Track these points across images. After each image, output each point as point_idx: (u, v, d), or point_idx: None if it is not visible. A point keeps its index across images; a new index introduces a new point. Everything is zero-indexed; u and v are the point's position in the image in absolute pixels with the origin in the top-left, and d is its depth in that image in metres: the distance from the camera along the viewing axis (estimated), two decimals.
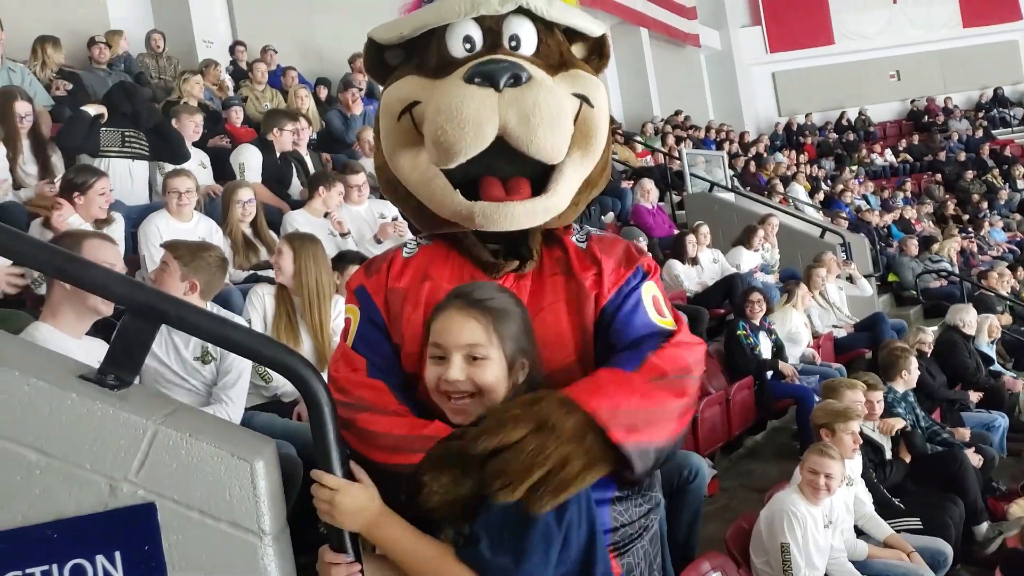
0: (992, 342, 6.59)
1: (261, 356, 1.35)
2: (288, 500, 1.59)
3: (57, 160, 4.38)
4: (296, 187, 5.49)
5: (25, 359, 1.36)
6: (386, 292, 1.43)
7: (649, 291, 1.40)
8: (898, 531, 3.61)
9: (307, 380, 1.28)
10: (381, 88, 1.51)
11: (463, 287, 1.33)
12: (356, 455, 1.33)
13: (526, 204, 1.34)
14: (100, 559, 1.24)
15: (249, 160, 5.16)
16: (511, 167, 1.35)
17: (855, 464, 3.67)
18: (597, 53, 1.53)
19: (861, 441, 3.56)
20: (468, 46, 1.38)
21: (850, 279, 7.56)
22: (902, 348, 4.81)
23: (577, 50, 1.50)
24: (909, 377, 4.60)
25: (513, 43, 1.39)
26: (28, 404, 1.26)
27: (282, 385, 2.93)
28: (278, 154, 5.39)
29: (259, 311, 3.09)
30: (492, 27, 1.39)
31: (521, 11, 1.40)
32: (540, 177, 1.37)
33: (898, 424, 4.25)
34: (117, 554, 1.24)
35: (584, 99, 1.39)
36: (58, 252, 1.39)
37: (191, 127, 5.08)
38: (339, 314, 3.12)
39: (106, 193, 3.67)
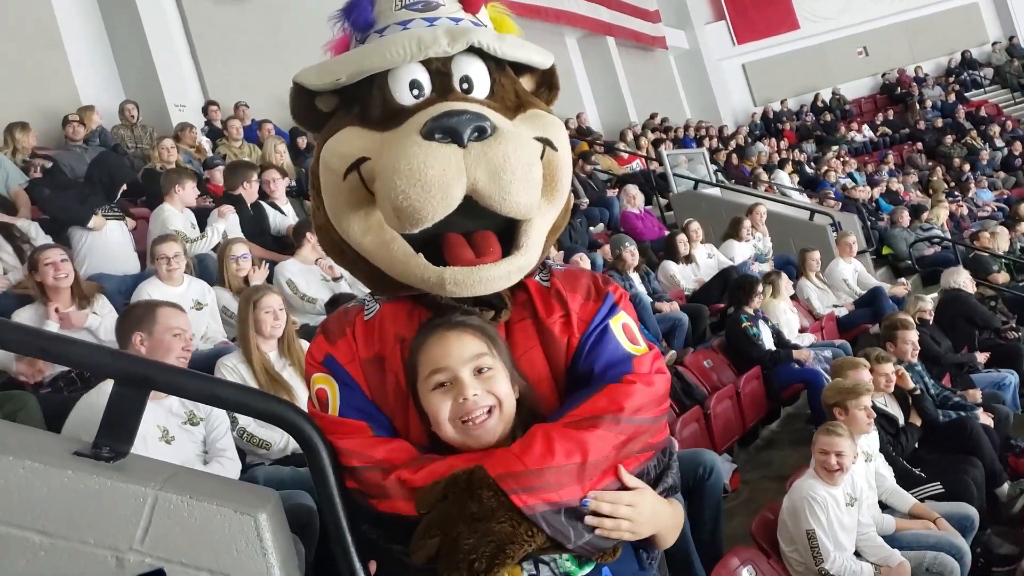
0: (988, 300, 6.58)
1: (251, 408, 1.35)
2: (308, 548, 1.59)
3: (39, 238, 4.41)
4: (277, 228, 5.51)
5: (19, 441, 1.36)
6: (360, 364, 1.31)
7: (619, 320, 1.33)
8: (921, 499, 3.60)
9: (300, 426, 1.28)
10: (308, 132, 1.41)
11: (432, 319, 1.27)
12: (398, 518, 1.20)
13: (500, 267, 1.22)
14: None
15: (229, 223, 5.09)
16: (474, 221, 1.23)
17: (872, 439, 3.66)
18: (547, 85, 1.42)
19: (874, 415, 3.56)
20: (416, 92, 1.26)
21: None
22: (900, 320, 4.81)
23: (526, 83, 1.40)
24: (909, 347, 4.59)
25: (465, 85, 1.28)
26: (25, 487, 1.26)
27: (283, 448, 2.90)
28: (250, 206, 5.39)
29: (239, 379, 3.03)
30: (440, 69, 1.27)
31: (471, 50, 1.28)
32: (506, 229, 1.25)
33: (908, 384, 4.27)
34: None
35: (547, 143, 1.27)
36: (38, 333, 1.40)
37: (191, 194, 5.05)
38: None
39: (54, 262, 3.51)
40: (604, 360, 1.29)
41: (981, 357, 5.88)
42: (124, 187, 4.83)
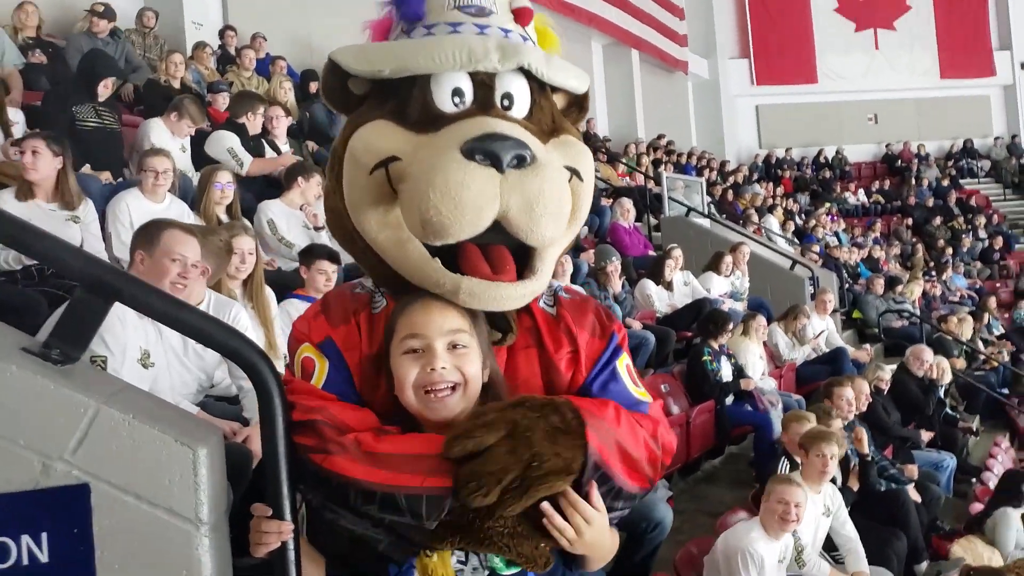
0: (943, 386, 6.72)
1: (212, 340, 1.31)
2: (235, 491, 1.56)
3: (20, 123, 4.28)
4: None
5: None
6: (360, 357, 1.29)
7: (623, 361, 1.35)
8: (839, 562, 3.66)
9: (257, 367, 1.26)
10: (338, 114, 1.36)
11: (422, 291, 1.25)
12: (338, 479, 1.19)
13: (516, 288, 1.23)
14: (25, 539, 1.19)
15: (235, 144, 5.11)
16: (491, 236, 1.21)
17: (835, 495, 3.73)
18: (577, 106, 1.42)
19: (829, 468, 3.60)
20: (457, 100, 1.25)
21: None
22: (841, 378, 4.94)
23: (558, 100, 1.40)
24: (844, 404, 4.65)
25: (506, 102, 1.27)
26: None
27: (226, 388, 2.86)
28: (250, 137, 5.34)
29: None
30: (485, 81, 1.26)
31: (517, 68, 1.28)
32: (518, 247, 1.25)
33: (863, 448, 4.35)
34: (44, 535, 1.19)
35: (575, 172, 1.27)
36: (11, 221, 1.35)
37: (186, 129, 4.96)
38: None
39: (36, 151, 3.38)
40: (616, 400, 1.30)
41: (925, 435, 6.01)
42: (109, 87, 4.67)
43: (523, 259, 1.25)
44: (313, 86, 8.02)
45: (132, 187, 3.99)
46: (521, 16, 1.31)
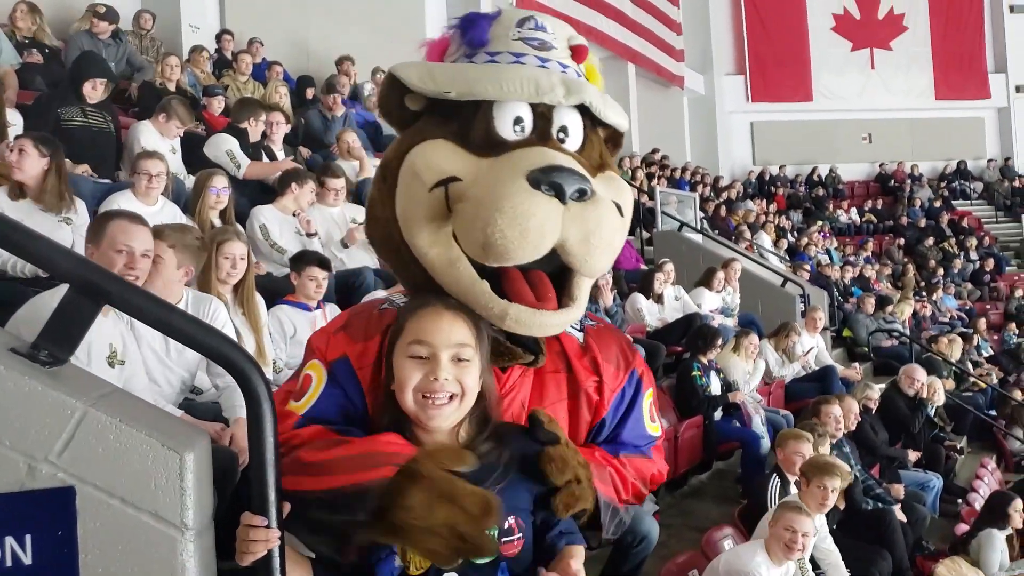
0: (933, 406, 6.75)
1: (201, 345, 1.32)
2: (222, 495, 1.56)
3: (18, 126, 4.27)
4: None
5: None
6: (373, 367, 1.32)
7: (649, 398, 1.43)
8: None
9: (247, 374, 1.26)
10: (390, 125, 1.39)
11: (434, 296, 1.29)
12: (298, 496, 1.25)
13: (559, 316, 1.28)
14: (9, 541, 1.19)
15: (234, 147, 5.12)
16: (536, 261, 1.25)
17: (820, 517, 3.73)
18: (613, 141, 1.47)
19: (830, 503, 3.58)
20: (518, 128, 1.29)
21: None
22: (829, 396, 4.96)
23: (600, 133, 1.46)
24: (831, 421, 4.68)
25: (561, 135, 1.32)
26: None
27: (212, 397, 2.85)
28: (250, 144, 5.35)
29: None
30: (544, 113, 1.31)
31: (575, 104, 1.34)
32: (556, 271, 1.31)
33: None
34: (28, 537, 1.19)
35: (618, 207, 1.33)
36: (2, 220, 1.35)
37: (174, 131, 4.95)
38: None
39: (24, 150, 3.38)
40: (627, 434, 1.40)
41: (913, 455, 6.02)
42: (99, 88, 4.66)
43: (559, 286, 1.30)
44: (309, 92, 8.05)
45: (125, 189, 3.98)
46: (578, 53, 1.37)
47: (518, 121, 1.29)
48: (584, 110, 1.35)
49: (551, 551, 1.31)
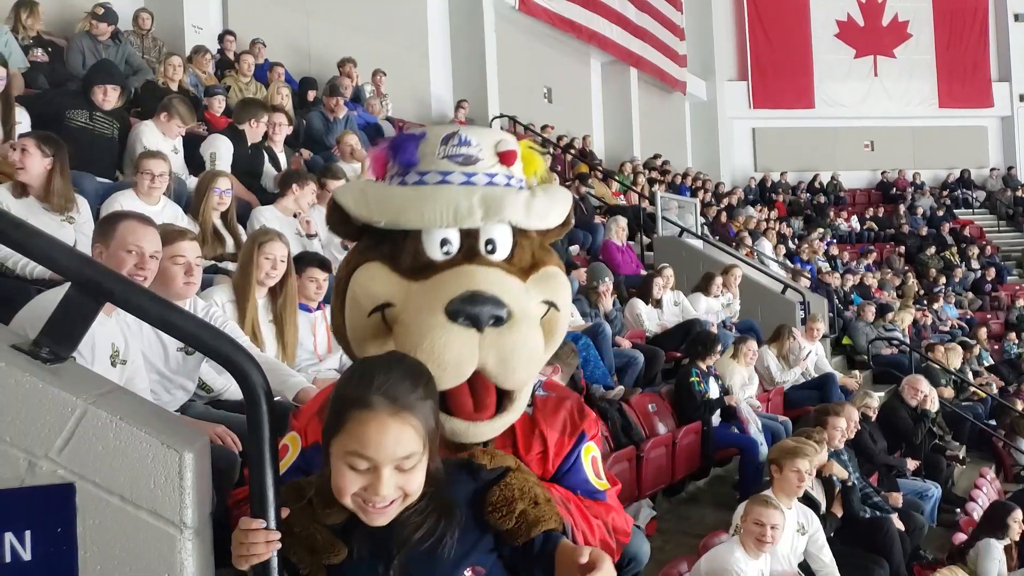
0: (931, 415, 6.74)
1: (202, 344, 1.32)
2: (221, 496, 1.56)
3: (24, 124, 4.27)
4: (268, 179, 5.44)
5: None
6: None
7: (589, 451, 1.46)
8: None
9: (247, 374, 1.26)
10: (338, 239, 1.43)
11: (380, 380, 1.19)
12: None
13: (493, 424, 1.36)
14: (9, 537, 1.19)
15: (220, 150, 5.08)
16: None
17: (810, 514, 3.74)
18: (562, 224, 1.50)
19: (807, 480, 3.61)
20: (445, 249, 1.36)
21: None
22: (834, 406, 4.99)
23: None
24: (837, 434, 4.71)
25: (489, 247, 1.38)
26: None
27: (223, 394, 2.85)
28: (249, 145, 5.33)
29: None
30: (470, 232, 1.37)
31: None
32: None
33: (839, 472, 4.35)
34: (28, 533, 1.20)
35: (552, 304, 1.40)
36: (6, 218, 1.36)
37: (176, 130, 4.94)
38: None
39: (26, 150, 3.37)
40: (571, 481, 1.44)
41: (911, 464, 6.02)
42: (110, 96, 4.68)
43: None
44: (311, 94, 8.06)
45: (127, 189, 3.99)
46: (506, 158, 1.41)
47: (444, 243, 1.35)
48: None
49: (543, 560, 1.27)
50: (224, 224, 4.27)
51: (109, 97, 4.66)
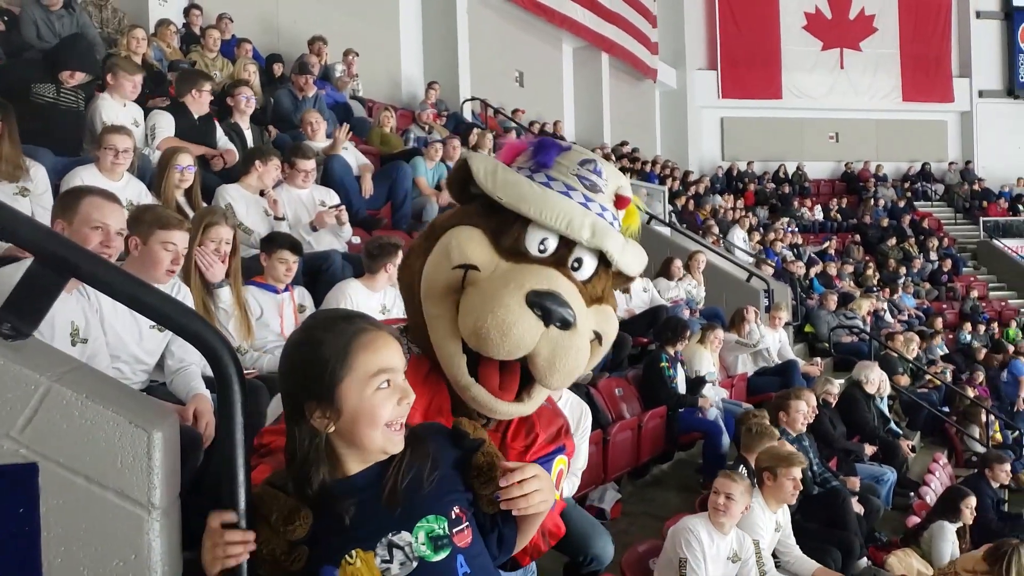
0: (884, 399, 6.92)
1: (172, 322, 1.29)
2: (184, 474, 1.53)
3: None
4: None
5: None
6: None
7: (560, 462, 1.57)
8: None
9: (217, 353, 1.24)
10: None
11: (352, 316, 1.31)
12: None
13: (511, 407, 1.45)
14: None
15: (160, 124, 4.89)
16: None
17: (784, 512, 3.81)
18: (623, 277, 1.60)
19: (801, 487, 3.68)
20: (542, 247, 1.46)
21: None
22: (795, 391, 5.12)
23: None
24: (799, 417, 4.84)
25: (576, 264, 1.48)
26: None
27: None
28: (197, 117, 5.13)
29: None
30: (568, 244, 1.47)
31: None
32: (528, 370, 1.46)
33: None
34: None
35: (599, 336, 1.51)
36: None
37: (128, 87, 4.79)
38: None
39: None
40: None
41: (869, 449, 6.17)
42: (77, 80, 4.54)
43: (526, 381, 1.46)
44: (277, 68, 7.91)
45: (88, 164, 3.88)
46: (621, 203, 1.53)
47: (543, 242, 1.46)
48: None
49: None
50: (188, 201, 4.18)
51: (76, 78, 4.53)
